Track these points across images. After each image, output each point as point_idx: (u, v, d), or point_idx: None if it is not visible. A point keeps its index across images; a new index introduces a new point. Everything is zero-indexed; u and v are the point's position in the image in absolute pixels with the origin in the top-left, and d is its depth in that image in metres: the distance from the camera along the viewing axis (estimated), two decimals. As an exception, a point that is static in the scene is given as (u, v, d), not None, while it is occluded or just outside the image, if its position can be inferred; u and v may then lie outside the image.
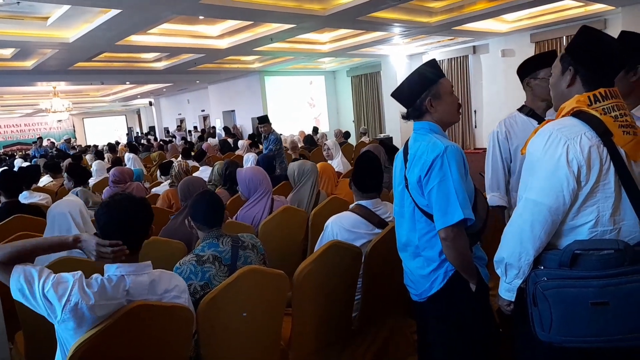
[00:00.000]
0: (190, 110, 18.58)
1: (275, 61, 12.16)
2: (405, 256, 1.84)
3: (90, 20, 6.82)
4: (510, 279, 1.48)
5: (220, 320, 1.74)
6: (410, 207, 1.73)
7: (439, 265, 1.72)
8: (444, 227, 1.61)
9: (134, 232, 1.53)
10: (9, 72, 9.99)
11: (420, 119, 1.75)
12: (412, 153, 1.71)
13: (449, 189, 1.60)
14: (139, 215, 1.55)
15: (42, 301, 1.34)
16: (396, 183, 1.83)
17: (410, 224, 1.75)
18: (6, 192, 3.50)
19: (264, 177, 3.00)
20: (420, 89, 1.73)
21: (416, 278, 1.79)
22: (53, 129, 21.68)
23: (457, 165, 1.63)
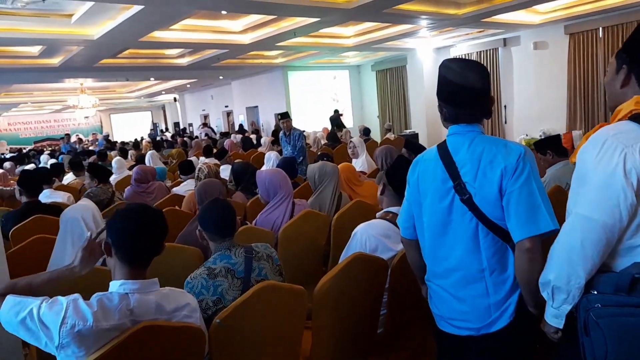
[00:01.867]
0: (214, 106, 18.64)
1: (299, 56, 12.01)
2: (449, 283, 1.55)
3: (114, 17, 6.81)
4: (558, 304, 1.30)
5: (234, 340, 1.61)
6: (470, 223, 1.46)
7: (511, 290, 1.47)
8: (529, 237, 1.36)
9: (145, 246, 1.42)
10: (37, 70, 10.16)
11: (474, 121, 1.51)
12: (472, 159, 1.45)
13: (534, 195, 1.38)
14: (153, 229, 1.43)
15: (39, 326, 1.23)
16: (431, 195, 1.54)
17: (469, 243, 1.47)
18: (26, 192, 3.47)
19: (284, 181, 2.86)
20: (489, 87, 1.49)
21: (471, 309, 1.50)
22: (81, 125, 22.11)
23: (536, 169, 1.43)
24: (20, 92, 14.76)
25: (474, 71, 1.48)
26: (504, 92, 11.26)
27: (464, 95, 1.48)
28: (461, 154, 1.48)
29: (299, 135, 6.15)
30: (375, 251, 2.04)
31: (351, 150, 5.36)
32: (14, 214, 3.40)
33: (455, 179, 1.47)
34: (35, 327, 1.24)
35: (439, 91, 1.54)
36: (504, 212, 1.42)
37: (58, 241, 2.28)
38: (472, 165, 1.45)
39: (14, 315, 1.26)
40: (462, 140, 1.50)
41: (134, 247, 1.40)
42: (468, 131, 1.50)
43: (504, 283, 1.47)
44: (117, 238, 1.40)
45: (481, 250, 1.47)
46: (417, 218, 1.62)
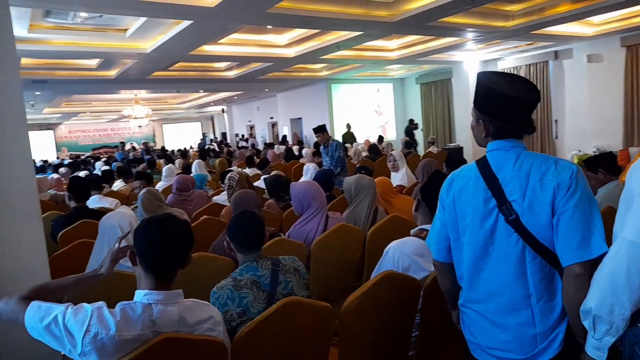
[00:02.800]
0: (260, 118, 19.02)
1: (343, 69, 12.07)
2: (490, 309, 1.44)
3: (165, 31, 7.12)
4: (600, 335, 1.19)
5: (258, 354, 1.59)
6: (516, 246, 1.36)
7: (559, 319, 1.36)
8: (581, 262, 1.26)
9: (168, 258, 1.42)
10: (95, 81, 10.76)
11: (519, 136, 1.43)
12: (520, 176, 1.35)
13: (587, 216, 1.29)
14: (177, 241, 1.43)
15: (63, 333, 1.26)
16: (471, 215, 1.43)
17: (515, 267, 1.37)
18: (75, 198, 3.63)
19: (318, 193, 2.85)
20: (537, 100, 1.40)
21: (515, 338, 1.39)
22: (135, 134, 23.11)
23: (589, 189, 1.33)
24: (80, 102, 15.65)
25: (526, 84, 1.41)
26: (554, 107, 10.81)
27: (518, 109, 1.38)
28: (506, 171, 1.38)
29: (337, 145, 6.13)
30: (407, 270, 1.97)
31: (391, 164, 5.28)
32: (63, 219, 3.57)
33: (500, 198, 1.37)
34: (59, 333, 1.27)
35: (484, 105, 1.44)
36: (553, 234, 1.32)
37: (96, 246, 2.37)
38: (520, 183, 1.35)
39: (38, 320, 1.30)
40: (507, 156, 1.40)
41: (157, 258, 1.40)
42: (512, 147, 1.41)
43: (551, 311, 1.37)
44: (140, 248, 1.41)
45: (528, 275, 1.36)
46: (453, 240, 1.52)
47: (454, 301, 1.60)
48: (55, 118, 19.76)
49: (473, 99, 1.48)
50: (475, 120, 1.49)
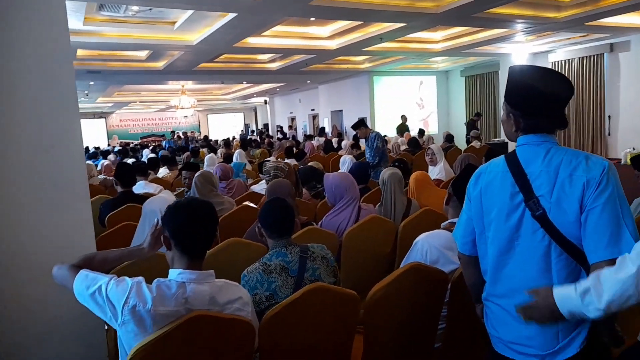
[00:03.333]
0: (301, 109, 19.16)
1: (385, 61, 11.96)
2: (513, 304, 1.42)
3: (211, 24, 7.30)
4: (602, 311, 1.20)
5: (284, 337, 1.65)
6: (542, 242, 1.34)
7: None
8: (609, 259, 1.24)
9: (200, 239, 1.51)
10: (144, 72, 11.19)
11: (551, 131, 1.41)
12: (549, 171, 1.34)
13: (618, 214, 1.26)
14: (206, 223, 1.52)
15: (105, 302, 1.37)
16: (497, 210, 1.42)
17: (540, 263, 1.36)
18: (121, 183, 3.83)
19: (351, 185, 2.88)
20: (570, 95, 1.38)
21: (537, 334, 1.38)
22: (182, 123, 23.87)
23: (620, 186, 1.31)
24: (130, 92, 16.32)
25: (560, 79, 1.38)
26: (608, 102, 10.28)
27: (551, 105, 1.36)
28: (534, 166, 1.37)
29: (375, 136, 6.14)
30: (436, 263, 1.98)
31: (429, 157, 5.22)
32: (110, 202, 3.78)
33: (527, 193, 1.35)
34: (102, 302, 1.38)
35: (516, 100, 1.42)
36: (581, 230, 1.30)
37: (138, 229, 2.50)
38: (549, 178, 1.33)
39: (85, 288, 1.43)
40: (536, 151, 1.38)
41: (188, 239, 1.49)
42: (543, 141, 1.39)
43: None
44: (172, 231, 1.51)
45: (552, 271, 1.35)
46: (478, 233, 1.52)
47: (478, 295, 1.60)
48: (108, 107, 20.70)
49: (504, 92, 1.46)
50: (505, 114, 1.47)
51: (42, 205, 2.06)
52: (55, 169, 2.09)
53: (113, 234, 2.92)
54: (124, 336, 1.41)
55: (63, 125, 2.12)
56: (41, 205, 2.06)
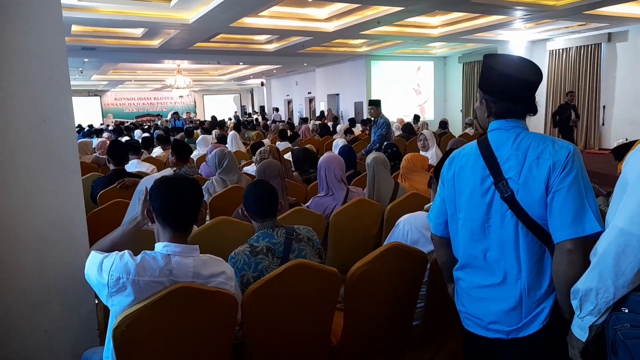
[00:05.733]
0: (298, 92, 19.08)
1: (383, 45, 11.90)
2: (481, 282, 1.51)
3: (207, 2, 7.23)
4: (584, 314, 1.23)
5: (266, 312, 1.71)
6: (510, 222, 1.40)
7: (545, 294, 1.41)
8: (572, 238, 1.30)
9: (181, 212, 1.55)
10: (139, 50, 11.08)
11: (522, 117, 1.46)
12: (518, 154, 1.39)
13: (582, 195, 1.32)
14: (186, 196, 1.56)
15: (100, 276, 1.43)
16: (469, 192, 1.48)
17: (508, 243, 1.42)
18: (113, 160, 3.85)
19: (338, 166, 2.91)
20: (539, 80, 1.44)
21: (503, 310, 1.45)
22: (177, 104, 23.71)
23: (584, 169, 1.37)
24: (125, 70, 16.18)
25: (529, 65, 1.44)
26: (604, 92, 10.32)
27: (521, 90, 1.42)
28: (504, 149, 1.43)
29: (382, 123, 6.22)
30: (416, 243, 2.03)
31: (421, 143, 5.27)
32: (102, 180, 3.80)
33: (497, 175, 1.41)
34: (99, 277, 1.44)
35: (489, 86, 1.48)
36: (547, 211, 1.36)
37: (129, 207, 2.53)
38: (517, 161, 1.39)
39: (90, 267, 1.49)
40: (507, 135, 1.44)
41: (172, 212, 1.54)
42: (513, 126, 1.45)
43: (539, 287, 1.42)
44: (157, 205, 1.55)
45: (520, 250, 1.41)
46: (450, 215, 1.58)
47: (450, 274, 1.67)
48: (103, 85, 20.51)
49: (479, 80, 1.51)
50: (479, 100, 1.53)
51: (34, 176, 2.09)
52: (47, 141, 2.10)
53: (104, 210, 2.96)
54: (112, 309, 1.46)
55: (56, 98, 2.13)
56: (34, 177, 2.09)
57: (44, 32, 2.07)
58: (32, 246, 2.12)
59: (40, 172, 2.12)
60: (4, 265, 2.06)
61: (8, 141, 2.03)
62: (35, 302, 2.14)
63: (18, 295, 2.10)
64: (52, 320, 2.18)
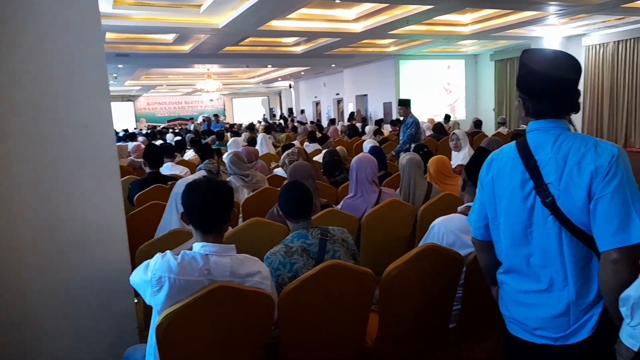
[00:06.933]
0: (326, 94, 19.10)
1: (412, 44, 11.78)
2: (526, 287, 1.46)
3: (236, 7, 7.34)
4: (636, 323, 1.18)
5: (302, 312, 1.72)
6: (552, 228, 1.35)
7: (594, 301, 1.35)
8: (618, 247, 1.24)
9: (213, 214, 1.59)
10: (171, 55, 11.35)
11: (560, 116, 1.39)
12: (557, 158, 1.33)
13: (627, 202, 1.25)
14: (217, 199, 1.59)
15: (143, 274, 1.48)
16: (508, 196, 1.43)
17: (552, 249, 1.37)
18: (149, 164, 3.96)
19: (369, 167, 2.90)
20: (579, 77, 1.36)
21: (551, 316, 1.40)
22: (207, 107, 24.11)
23: (631, 173, 1.30)
24: (157, 75, 16.58)
25: (563, 59, 1.37)
26: (644, 88, 9.90)
27: (554, 87, 1.35)
28: (544, 152, 1.37)
29: (412, 123, 6.19)
30: (452, 246, 2.00)
31: (453, 143, 5.18)
32: (139, 182, 3.92)
33: (537, 180, 1.36)
34: (144, 276, 1.48)
35: (521, 83, 1.43)
36: (590, 218, 1.30)
37: (166, 210, 2.59)
38: (557, 165, 1.33)
39: (136, 271, 1.54)
40: (546, 137, 1.38)
41: (200, 215, 1.58)
42: (552, 127, 1.38)
43: (587, 293, 1.36)
44: (187, 209, 1.60)
45: (565, 257, 1.36)
46: (491, 219, 1.53)
47: (493, 278, 1.62)
48: (136, 90, 21.08)
49: None
50: (517, 99, 1.48)
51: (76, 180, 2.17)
52: (88, 146, 2.19)
53: (141, 212, 3.04)
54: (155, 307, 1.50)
55: (96, 105, 2.22)
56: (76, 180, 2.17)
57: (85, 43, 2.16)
58: (74, 247, 2.21)
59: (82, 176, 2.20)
60: (49, 266, 2.15)
61: (53, 146, 2.12)
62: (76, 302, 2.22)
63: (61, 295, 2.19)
64: (93, 319, 2.27)
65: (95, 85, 2.22)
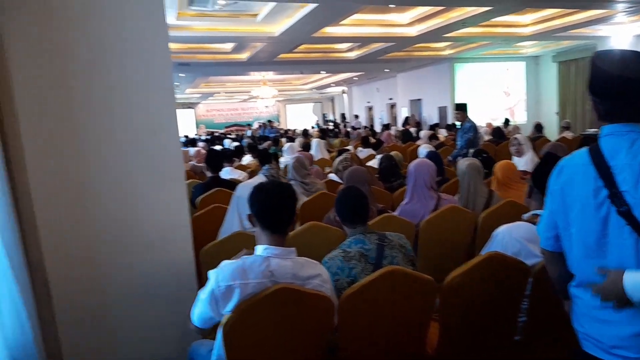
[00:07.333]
0: (379, 99, 19.01)
1: (468, 47, 11.49)
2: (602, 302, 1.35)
3: (291, 15, 7.49)
4: None
5: (361, 317, 1.72)
6: (629, 239, 1.27)
7: None
8: None
9: (275, 215, 1.63)
10: (229, 64, 11.74)
11: (635, 119, 1.31)
12: (632, 164, 1.26)
13: None
14: (284, 201, 1.64)
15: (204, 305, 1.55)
16: (580, 205, 1.36)
17: (629, 261, 1.28)
18: (210, 168, 4.12)
19: (427, 173, 2.86)
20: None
21: (632, 333, 1.31)
22: (262, 113, 24.67)
23: None
24: (215, 83, 17.19)
25: (635, 59, 1.29)
26: None
27: (623, 87, 1.28)
28: (618, 159, 1.29)
29: (469, 127, 6.06)
30: (517, 255, 1.92)
31: (515, 148, 4.99)
32: (201, 186, 4.08)
33: (611, 188, 1.28)
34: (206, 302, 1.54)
35: (593, 85, 1.36)
36: None
37: (228, 213, 2.69)
38: (632, 172, 1.25)
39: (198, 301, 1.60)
40: (621, 143, 1.30)
41: (267, 215, 1.62)
42: (628, 131, 1.30)
43: None
44: (255, 210, 1.64)
45: None
46: (562, 229, 1.45)
47: (564, 291, 1.54)
48: (195, 98, 21.96)
49: None
50: (590, 101, 1.40)
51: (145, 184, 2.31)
52: (156, 151, 2.32)
53: (205, 215, 3.16)
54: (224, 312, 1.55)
55: (164, 112, 2.35)
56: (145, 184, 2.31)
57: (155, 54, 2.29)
58: (142, 247, 2.34)
59: (153, 179, 2.34)
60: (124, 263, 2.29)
61: (127, 151, 2.26)
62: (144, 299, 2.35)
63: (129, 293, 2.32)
64: (159, 316, 2.38)
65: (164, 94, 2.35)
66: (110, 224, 2.26)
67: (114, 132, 2.23)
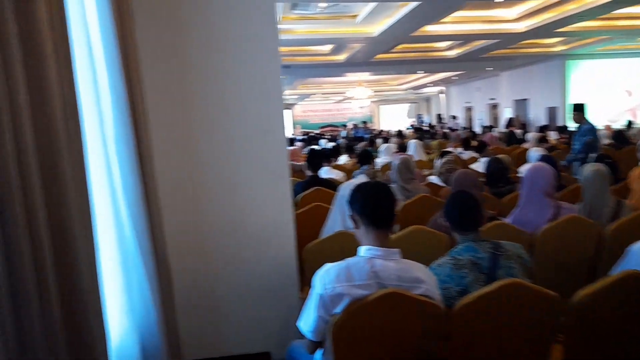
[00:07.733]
0: (479, 99, 18.12)
1: (583, 42, 10.50)
2: None
3: (392, 14, 7.40)
4: None
5: (475, 330, 1.61)
6: None
7: None
8: None
9: (379, 211, 1.60)
10: (327, 65, 11.94)
11: None
12: None
13: None
14: (382, 197, 1.61)
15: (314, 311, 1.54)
16: None
17: None
18: (310, 167, 4.20)
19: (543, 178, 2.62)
20: None
21: None
22: (357, 114, 24.75)
23: None
24: (312, 85, 17.59)
25: None
26: None
27: None
28: None
29: (587, 130, 5.54)
30: (659, 275, 1.69)
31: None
32: (301, 184, 4.17)
33: None
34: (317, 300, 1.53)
35: None
36: None
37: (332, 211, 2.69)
38: None
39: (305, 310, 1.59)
40: None
41: (372, 211, 1.59)
42: None
43: None
44: (358, 209, 1.61)
45: None
46: None
47: None
48: (293, 99, 22.66)
49: None
50: None
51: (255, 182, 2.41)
52: (265, 151, 2.41)
53: (306, 212, 3.21)
54: None
55: (273, 113, 2.43)
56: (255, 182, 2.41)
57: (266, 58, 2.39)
58: (251, 243, 2.44)
59: (260, 179, 2.43)
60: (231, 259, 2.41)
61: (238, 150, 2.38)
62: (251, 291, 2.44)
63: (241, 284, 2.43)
64: (260, 310, 2.47)
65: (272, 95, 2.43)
66: (223, 219, 2.39)
67: (229, 132, 2.36)
